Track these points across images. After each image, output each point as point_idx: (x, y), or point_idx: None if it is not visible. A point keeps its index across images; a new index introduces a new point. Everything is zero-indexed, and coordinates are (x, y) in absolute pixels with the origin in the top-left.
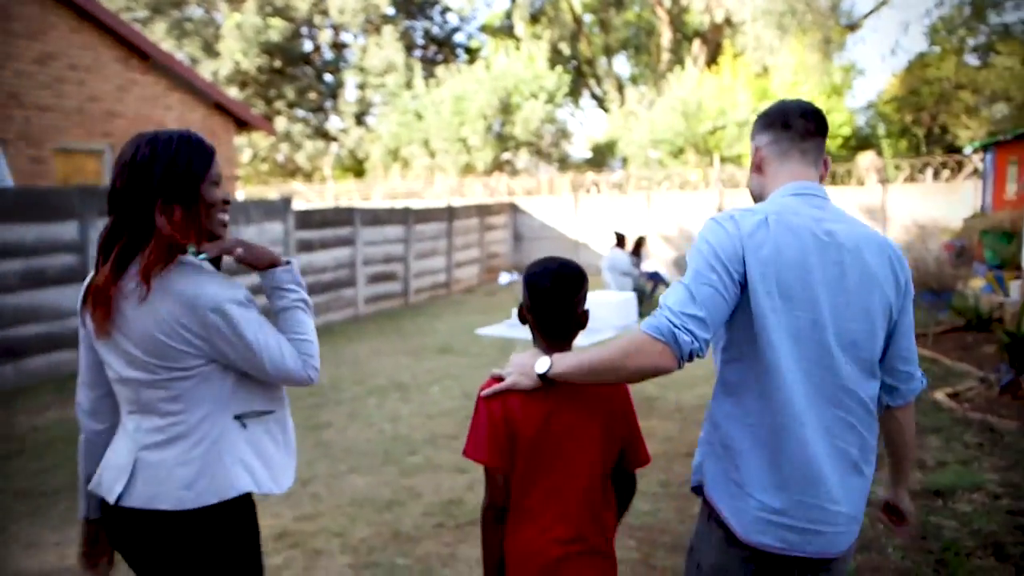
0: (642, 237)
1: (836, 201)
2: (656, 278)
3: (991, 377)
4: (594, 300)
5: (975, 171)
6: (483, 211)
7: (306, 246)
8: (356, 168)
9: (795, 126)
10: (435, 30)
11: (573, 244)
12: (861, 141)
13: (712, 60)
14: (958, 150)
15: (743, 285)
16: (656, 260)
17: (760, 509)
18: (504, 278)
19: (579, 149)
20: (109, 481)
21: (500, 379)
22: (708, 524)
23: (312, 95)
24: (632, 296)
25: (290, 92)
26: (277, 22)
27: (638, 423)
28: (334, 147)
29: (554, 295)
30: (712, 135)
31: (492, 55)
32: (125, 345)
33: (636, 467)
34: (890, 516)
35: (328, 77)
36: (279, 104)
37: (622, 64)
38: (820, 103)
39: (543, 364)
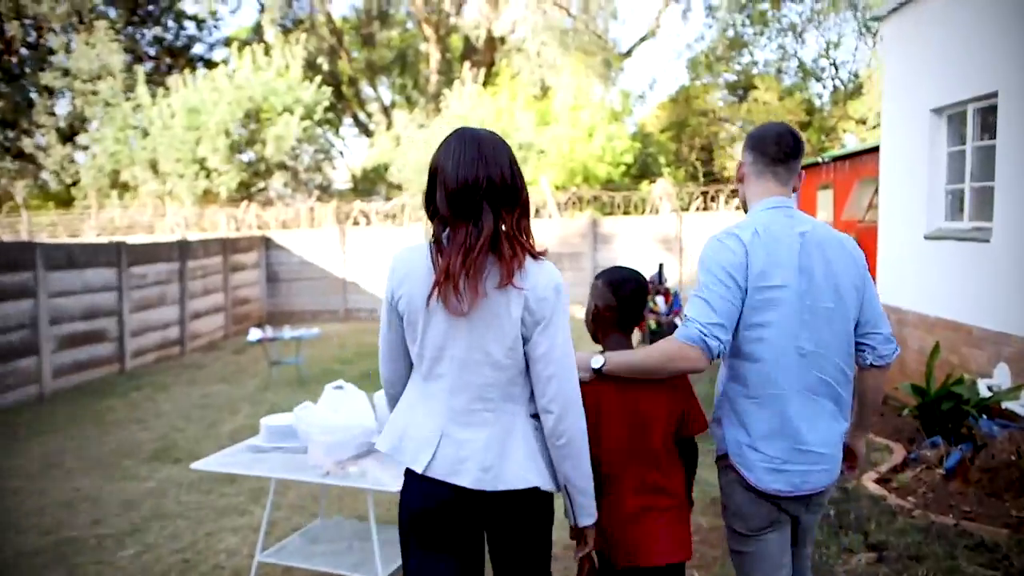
0: None
1: (632, 231)
2: None
3: (928, 454)
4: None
5: None
6: (228, 247)
7: None
8: (63, 196)
9: (769, 152)
10: (169, 38)
11: (340, 284)
12: (642, 169)
13: (486, 81)
14: (727, 180)
15: (746, 288)
16: None
17: (765, 461)
18: (255, 334)
19: (342, 178)
20: (413, 451)
21: None
22: (728, 476)
23: None
24: (370, 423)
25: None
26: None
27: (695, 395)
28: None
29: (634, 299)
30: None
31: (238, 64)
32: (477, 326)
33: (695, 433)
34: (844, 458)
35: (23, 83)
36: None
37: (388, 89)
38: (601, 128)
39: (598, 361)
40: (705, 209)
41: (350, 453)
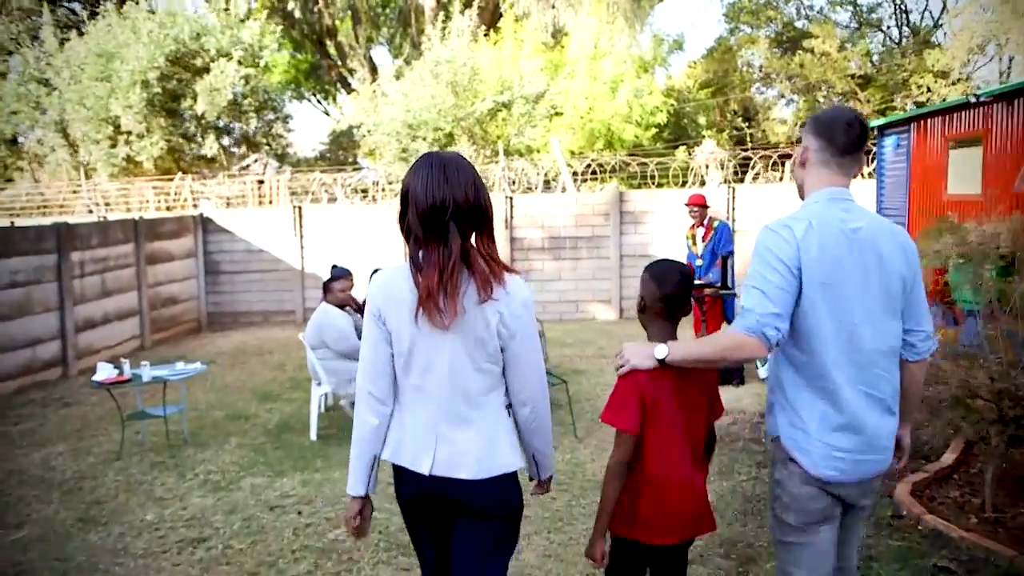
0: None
1: (669, 208)
2: None
3: None
4: None
5: None
6: (143, 231)
7: None
8: None
9: (838, 141)
10: None
11: (297, 277)
12: (677, 132)
13: (490, 28)
14: (775, 147)
15: (800, 279)
16: None
17: (820, 448)
18: (102, 372)
19: (309, 146)
20: (413, 455)
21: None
22: (786, 464)
23: None
24: None
25: None
26: None
27: (717, 383)
28: None
29: (679, 291)
30: (493, 118)
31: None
32: (460, 337)
33: (715, 419)
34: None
35: None
36: None
37: (382, 53)
38: (628, 82)
39: (661, 351)
40: (765, 179)
41: None
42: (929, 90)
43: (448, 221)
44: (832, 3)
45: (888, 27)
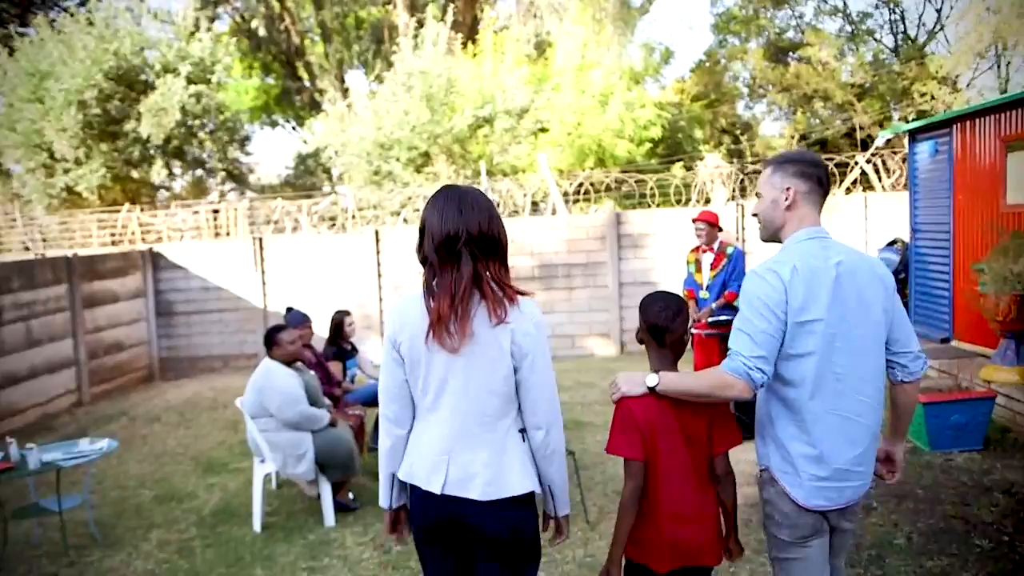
0: (342, 315)
1: (671, 229)
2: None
3: None
4: None
5: (861, 177)
6: (77, 270)
7: None
8: None
9: (824, 181)
10: None
11: (259, 316)
12: (671, 148)
13: (467, 42)
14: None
15: (786, 321)
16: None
17: (811, 480)
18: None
19: (273, 172)
20: (425, 475)
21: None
22: (776, 489)
23: None
24: None
25: None
26: None
27: (725, 412)
28: None
29: (661, 319)
30: (473, 135)
31: (108, 9)
32: (473, 360)
33: (725, 448)
34: (884, 464)
35: None
36: None
37: (357, 76)
38: (618, 94)
39: (652, 379)
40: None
41: None
42: (933, 98)
43: (460, 249)
44: (821, 12)
45: (880, 37)
